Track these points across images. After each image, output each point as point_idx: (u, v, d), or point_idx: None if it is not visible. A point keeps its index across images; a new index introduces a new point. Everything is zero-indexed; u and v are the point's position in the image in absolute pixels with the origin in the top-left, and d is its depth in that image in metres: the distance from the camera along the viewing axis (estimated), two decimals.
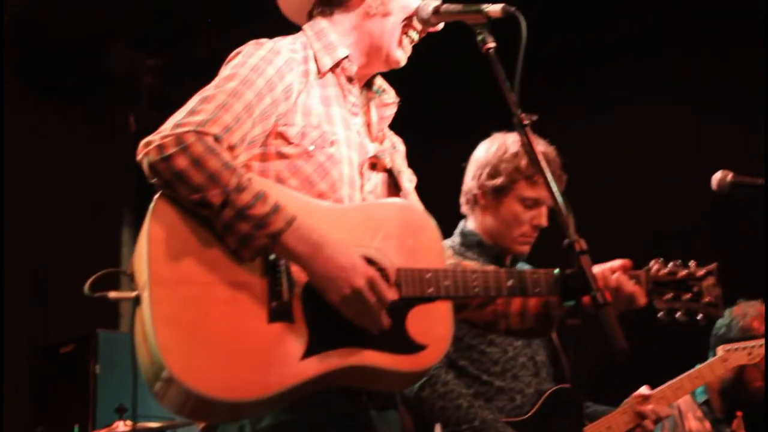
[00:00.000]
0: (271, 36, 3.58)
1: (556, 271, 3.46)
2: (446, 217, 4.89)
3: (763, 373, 5.80)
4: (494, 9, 3.39)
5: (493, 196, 4.96)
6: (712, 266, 3.71)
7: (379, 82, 3.76)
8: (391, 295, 3.23)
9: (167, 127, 3.19)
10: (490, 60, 3.35)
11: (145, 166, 3.17)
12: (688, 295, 3.64)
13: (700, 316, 3.66)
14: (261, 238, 3.13)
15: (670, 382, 5.13)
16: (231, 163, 3.16)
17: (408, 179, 3.72)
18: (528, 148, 3.26)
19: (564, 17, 7.14)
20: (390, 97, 3.73)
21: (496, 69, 3.33)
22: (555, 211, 3.20)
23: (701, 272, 3.69)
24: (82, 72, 7.61)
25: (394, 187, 3.65)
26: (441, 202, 4.76)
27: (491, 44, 3.37)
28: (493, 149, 4.99)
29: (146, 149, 3.16)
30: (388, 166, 3.63)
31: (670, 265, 3.69)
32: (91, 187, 7.84)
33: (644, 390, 4.97)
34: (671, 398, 5.11)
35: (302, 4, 3.72)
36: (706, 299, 3.65)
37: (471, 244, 4.98)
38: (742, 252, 6.51)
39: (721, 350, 5.34)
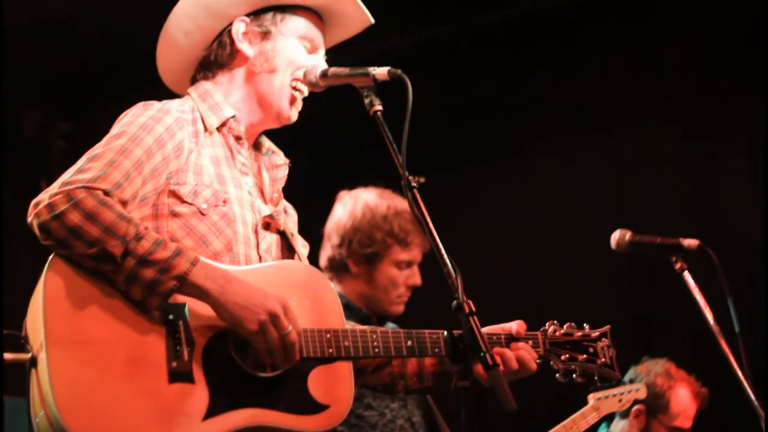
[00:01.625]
0: None
1: (445, 333, 3.47)
2: None
3: (668, 428, 5.86)
4: (380, 72, 3.41)
5: (367, 264, 5.00)
6: (606, 328, 3.80)
7: (268, 144, 3.77)
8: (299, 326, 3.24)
9: (55, 186, 3.16)
10: (377, 122, 3.37)
11: (35, 227, 3.13)
12: (584, 356, 3.71)
13: (596, 377, 3.73)
14: (168, 281, 3.11)
15: None
16: (125, 214, 3.14)
17: (302, 245, 3.72)
18: (416, 210, 3.26)
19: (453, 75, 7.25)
20: (280, 158, 3.74)
21: (383, 131, 3.35)
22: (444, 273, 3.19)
23: (596, 333, 3.78)
24: None
25: (287, 249, 3.65)
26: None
27: (378, 107, 3.39)
28: (358, 214, 5.03)
29: (36, 209, 3.13)
30: (281, 227, 3.63)
31: (566, 326, 3.76)
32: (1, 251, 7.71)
33: None
34: None
35: (183, 72, 3.74)
36: (602, 360, 3.73)
37: None
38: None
39: (592, 398, 5.40)
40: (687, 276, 4.17)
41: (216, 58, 3.66)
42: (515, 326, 3.64)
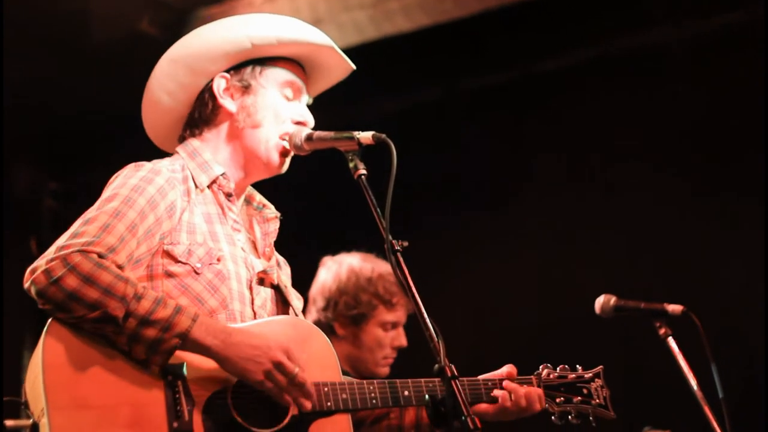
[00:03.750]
0: None
1: (427, 397, 3.48)
2: None
3: None
4: (365, 136, 3.45)
5: (353, 325, 5.05)
6: (599, 368, 3.87)
7: (258, 197, 3.80)
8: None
9: (51, 251, 3.18)
10: (361, 186, 3.40)
11: (33, 293, 3.14)
12: (579, 398, 3.77)
13: (591, 418, 3.79)
14: (170, 339, 3.14)
15: None
16: (122, 275, 3.17)
17: (296, 297, 3.75)
18: (399, 273, 3.28)
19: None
20: (271, 212, 3.78)
21: (367, 195, 3.38)
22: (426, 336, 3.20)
23: (589, 374, 3.84)
24: None
25: (282, 303, 3.68)
26: None
27: (362, 170, 3.42)
28: (343, 278, 5.10)
29: (33, 275, 3.14)
30: (275, 282, 3.65)
31: (559, 368, 3.82)
32: None
33: None
34: None
35: (170, 131, 3.77)
36: (596, 401, 3.79)
37: None
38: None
39: None
40: (671, 342, 4.16)
41: (200, 115, 3.69)
42: (507, 369, 3.72)
